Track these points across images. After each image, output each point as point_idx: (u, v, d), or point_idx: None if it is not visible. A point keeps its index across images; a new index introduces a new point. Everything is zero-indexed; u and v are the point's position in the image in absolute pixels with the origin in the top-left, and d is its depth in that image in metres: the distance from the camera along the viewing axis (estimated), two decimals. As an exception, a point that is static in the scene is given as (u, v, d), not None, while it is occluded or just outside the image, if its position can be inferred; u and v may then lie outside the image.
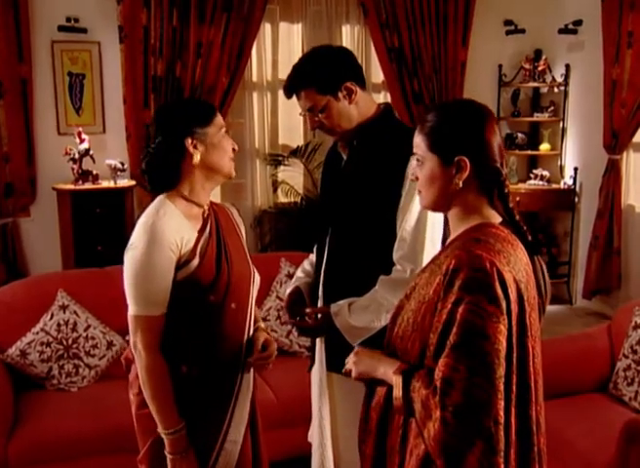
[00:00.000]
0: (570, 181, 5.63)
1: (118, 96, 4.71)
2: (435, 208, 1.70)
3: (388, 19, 5.16)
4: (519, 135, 5.81)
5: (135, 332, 1.91)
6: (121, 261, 1.92)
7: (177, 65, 4.72)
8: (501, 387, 1.45)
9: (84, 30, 4.64)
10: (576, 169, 5.57)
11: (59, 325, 3.32)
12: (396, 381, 1.57)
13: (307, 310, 2.23)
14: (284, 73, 5.12)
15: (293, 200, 5.09)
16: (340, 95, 2.10)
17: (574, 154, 5.66)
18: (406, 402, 1.54)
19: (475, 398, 1.42)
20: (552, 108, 5.70)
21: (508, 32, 5.62)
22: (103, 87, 4.76)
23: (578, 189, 5.61)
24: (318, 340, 2.31)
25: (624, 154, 5.14)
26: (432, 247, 2.12)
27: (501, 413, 1.45)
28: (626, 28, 4.81)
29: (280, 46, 5.05)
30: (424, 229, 2.10)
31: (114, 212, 4.57)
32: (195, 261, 1.92)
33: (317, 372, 2.35)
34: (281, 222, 4.95)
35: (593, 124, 5.25)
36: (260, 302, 3.99)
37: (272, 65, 5.06)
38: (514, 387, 1.50)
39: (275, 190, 5.15)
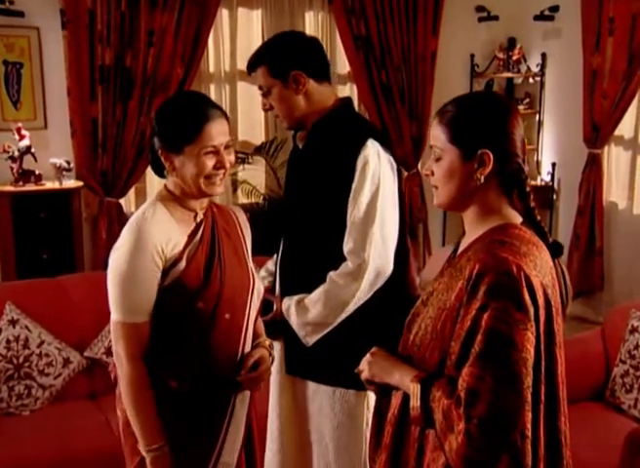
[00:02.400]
0: (547, 178, 5.75)
1: (61, 87, 4.62)
2: (451, 206, 1.72)
3: (355, 5, 5.19)
4: (493, 128, 5.90)
5: (117, 340, 1.94)
6: (70, 270, 1.93)
7: (126, 54, 4.66)
8: (529, 398, 1.48)
9: (20, 14, 4.51)
10: (554, 164, 5.69)
11: (8, 341, 3.26)
12: (414, 389, 1.59)
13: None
14: (243, 63, 5.13)
15: (254, 201, 5.07)
16: (289, 82, 2.27)
17: (551, 149, 5.79)
18: (424, 412, 1.57)
19: (502, 410, 1.45)
20: (528, 100, 5.82)
21: (481, 19, 5.71)
22: (44, 78, 4.66)
23: (556, 186, 5.74)
24: (277, 342, 2.39)
25: (606, 148, 5.27)
26: (383, 243, 2.24)
27: (529, 426, 1.48)
28: (607, 14, 4.94)
29: (239, 34, 5.03)
30: (372, 223, 2.21)
31: (60, 215, 4.46)
32: (181, 265, 1.94)
33: (276, 375, 2.43)
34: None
35: (572, 116, 5.38)
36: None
37: (230, 55, 5.04)
38: (542, 397, 1.53)
39: (235, 190, 5.13)
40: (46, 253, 4.40)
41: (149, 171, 4.72)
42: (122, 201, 4.76)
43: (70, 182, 4.55)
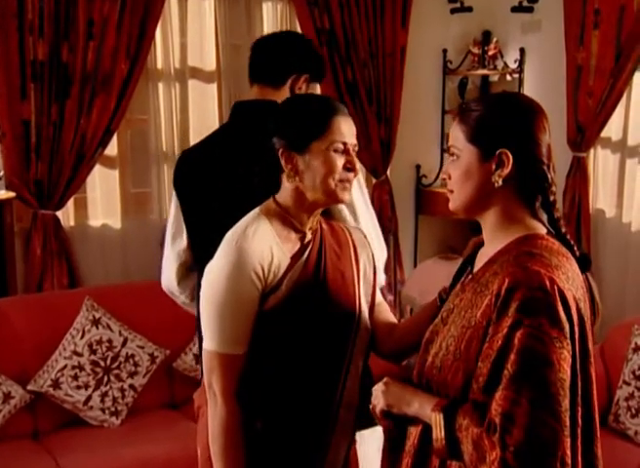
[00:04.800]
0: (528, 184, 5.86)
1: (-13, 85, 4.55)
2: (467, 210, 1.78)
3: (317, -6, 5.24)
4: (468, 130, 6.01)
5: (211, 371, 1.94)
6: (1, 291, 1.92)
7: (63, 48, 4.60)
8: (567, 422, 1.53)
9: None
10: (535, 169, 5.80)
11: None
12: (436, 420, 1.63)
13: None
14: (194, 60, 5.19)
15: (209, 212, 5.06)
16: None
17: (531, 152, 5.89)
18: (450, 443, 1.60)
19: (540, 436, 1.50)
20: (505, 99, 5.93)
21: (453, 11, 5.81)
22: (-34, 75, 4.59)
23: (537, 193, 5.84)
24: None
25: (592, 151, 5.38)
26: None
27: (568, 452, 1.53)
28: (592, 6, 5.06)
29: (189, 26, 5.01)
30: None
31: (-12, 231, 4.40)
32: (280, 291, 1.93)
33: None
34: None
35: (554, 116, 5.39)
36: (182, 348, 4.00)
37: (181, 50, 5.01)
38: (580, 421, 1.59)
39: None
40: (-27, 273, 4.32)
41: (91, 179, 4.76)
42: (59, 213, 4.68)
43: (0, 193, 4.48)
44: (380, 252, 2.45)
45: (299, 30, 5.27)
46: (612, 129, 5.26)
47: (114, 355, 3.84)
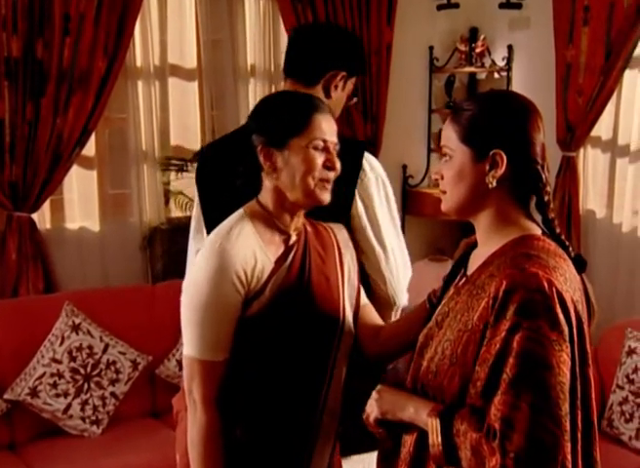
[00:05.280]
0: (517, 184, 5.87)
1: (-42, 83, 4.51)
2: (460, 211, 1.78)
3: (301, -10, 5.24)
4: (455, 129, 6.03)
5: (191, 378, 1.93)
6: None
7: (37, 44, 4.56)
8: (568, 426, 1.54)
9: None
10: (523, 169, 5.82)
11: None
12: (432, 425, 1.63)
13: None
14: (175, 56, 5.17)
15: (190, 214, 5.03)
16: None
17: (520, 152, 5.91)
18: (447, 449, 1.61)
19: (541, 441, 1.50)
20: (493, 98, 5.95)
21: (440, 7, 5.82)
22: (-64, 73, 4.55)
23: (526, 193, 5.86)
24: None
25: (581, 150, 5.41)
26: None
27: (569, 457, 1.54)
28: (582, 2, 5.08)
29: (169, 23, 5.00)
30: None
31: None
32: (264, 296, 1.92)
33: None
34: (177, 243, 4.89)
35: (544, 115, 5.37)
36: (165, 355, 3.99)
37: (160, 47, 5.00)
38: (580, 425, 1.59)
39: (167, 203, 5.10)
40: None
41: (68, 181, 4.73)
42: (35, 216, 4.65)
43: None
44: (404, 270, 2.39)
45: (281, 26, 5.28)
46: (602, 128, 5.28)
47: (95, 362, 3.81)
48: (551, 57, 5.36)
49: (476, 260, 1.78)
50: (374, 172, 2.32)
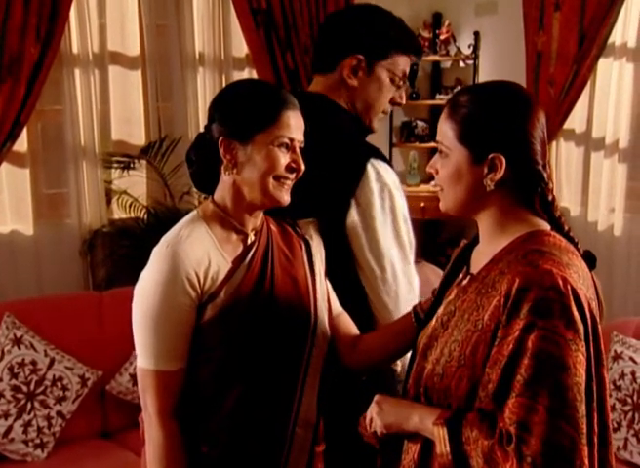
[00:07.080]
0: (485, 180, 5.97)
1: None
2: (459, 212, 1.86)
3: (251, -29, 5.28)
4: (418, 123, 6.14)
5: (144, 391, 1.94)
6: None
7: (-39, 28, 4.54)
8: (585, 429, 1.60)
9: None
10: (492, 164, 5.92)
11: None
12: (439, 434, 1.69)
13: None
14: (115, 43, 5.14)
15: (135, 215, 5.05)
16: None
17: (488, 146, 6.01)
18: (456, 458, 1.67)
19: (558, 445, 1.57)
20: (458, 88, 6.05)
21: (401, -10, 5.92)
22: None
23: (495, 190, 5.96)
24: None
25: (554, 144, 5.52)
26: None
27: (586, 461, 1.60)
28: (553, -15, 5.20)
29: (109, 5, 4.98)
30: None
31: None
32: (220, 299, 1.94)
33: None
34: (121, 246, 4.90)
35: None
36: (116, 369, 3.99)
37: (100, 32, 4.98)
38: (596, 427, 1.67)
39: (109, 203, 5.09)
40: None
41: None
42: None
43: None
44: (407, 296, 2.32)
45: (232, 11, 5.30)
46: (575, 120, 5.39)
47: (39, 378, 3.79)
48: (521, 44, 5.46)
49: (481, 258, 1.83)
50: (380, 180, 2.26)
